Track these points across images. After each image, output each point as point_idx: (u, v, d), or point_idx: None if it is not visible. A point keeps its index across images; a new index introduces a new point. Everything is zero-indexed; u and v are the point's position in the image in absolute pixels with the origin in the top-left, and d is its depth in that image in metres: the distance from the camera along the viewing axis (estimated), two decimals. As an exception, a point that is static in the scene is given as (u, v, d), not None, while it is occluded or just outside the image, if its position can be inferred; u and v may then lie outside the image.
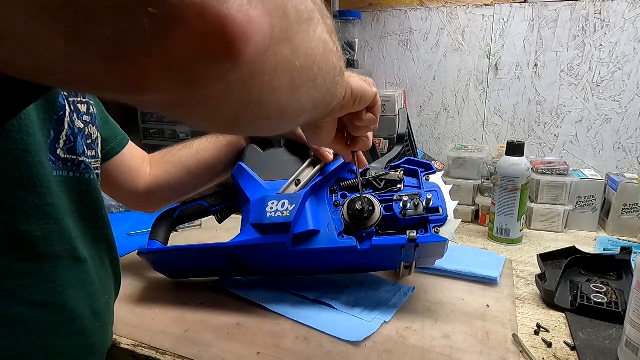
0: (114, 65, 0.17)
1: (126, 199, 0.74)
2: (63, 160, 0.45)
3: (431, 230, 0.59)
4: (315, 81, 0.27)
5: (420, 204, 0.61)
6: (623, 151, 1.07)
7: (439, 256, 0.64)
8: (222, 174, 0.76)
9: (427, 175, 0.66)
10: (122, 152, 0.67)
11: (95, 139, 0.53)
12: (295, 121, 0.30)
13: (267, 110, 0.24)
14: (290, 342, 0.57)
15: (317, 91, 0.28)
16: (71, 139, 0.46)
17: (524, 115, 1.14)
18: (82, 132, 0.49)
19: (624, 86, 1.03)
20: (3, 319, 0.40)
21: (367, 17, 1.23)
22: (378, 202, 0.62)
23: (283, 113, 0.26)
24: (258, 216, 0.63)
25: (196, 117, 0.23)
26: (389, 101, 1.07)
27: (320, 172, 0.68)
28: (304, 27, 0.23)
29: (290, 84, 0.24)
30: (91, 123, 0.52)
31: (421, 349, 0.55)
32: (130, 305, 0.66)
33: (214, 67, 0.18)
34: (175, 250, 0.68)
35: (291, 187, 0.66)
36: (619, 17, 1.01)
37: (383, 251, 0.60)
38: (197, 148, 0.75)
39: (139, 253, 0.69)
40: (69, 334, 0.45)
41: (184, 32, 0.16)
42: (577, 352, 0.54)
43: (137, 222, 0.99)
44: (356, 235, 0.61)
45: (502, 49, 1.12)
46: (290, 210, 0.61)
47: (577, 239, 0.94)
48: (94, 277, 0.49)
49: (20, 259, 0.40)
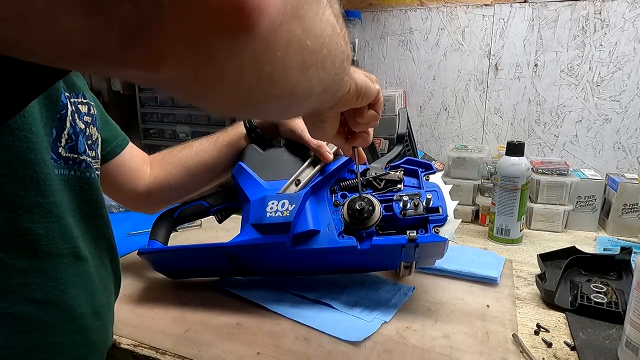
0: (131, 40, 0.17)
1: (126, 199, 0.74)
2: (64, 159, 0.45)
3: (431, 230, 0.59)
4: (324, 63, 0.27)
5: (420, 203, 0.61)
6: (623, 151, 1.07)
7: (439, 256, 0.64)
8: (222, 174, 0.76)
9: (427, 175, 0.66)
10: (122, 153, 0.67)
11: (95, 139, 0.53)
12: (304, 104, 0.31)
13: (278, 89, 0.25)
14: (290, 342, 0.57)
15: (326, 73, 0.29)
16: (73, 138, 0.46)
17: (524, 115, 1.14)
18: (83, 132, 0.49)
19: (624, 86, 1.03)
20: (5, 316, 0.40)
21: (367, 17, 1.23)
22: (378, 202, 0.62)
23: (293, 93, 0.27)
24: (258, 216, 0.63)
25: (211, 93, 0.23)
26: (389, 101, 1.07)
27: (320, 172, 0.67)
28: (314, 7, 0.24)
29: (300, 64, 0.25)
30: (92, 124, 0.52)
31: (421, 349, 0.55)
32: (130, 305, 0.66)
33: (230, 41, 0.19)
34: (175, 250, 0.68)
35: (291, 187, 0.66)
36: (619, 17, 1.01)
37: (383, 251, 0.60)
38: (197, 148, 0.75)
39: (139, 253, 0.69)
40: (69, 333, 0.45)
41: (202, 6, 0.17)
42: (577, 352, 0.54)
43: (137, 222, 0.99)
44: (356, 235, 0.61)
45: (502, 49, 1.12)
46: (290, 210, 0.61)
47: (577, 239, 0.94)
48: (94, 276, 0.49)
49: (22, 256, 0.41)
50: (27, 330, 0.41)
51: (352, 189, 0.66)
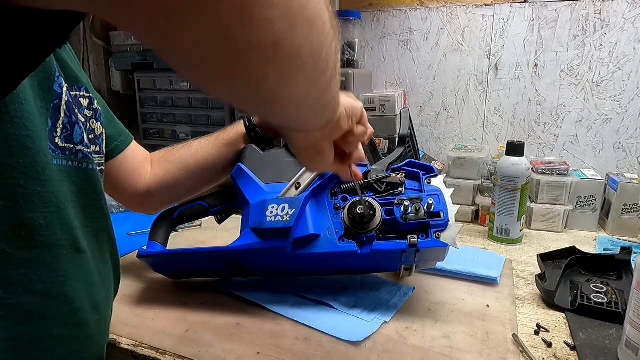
0: None
1: (126, 198, 0.74)
2: (62, 149, 0.45)
3: (432, 235, 0.59)
4: (324, 28, 0.28)
5: (422, 208, 0.60)
6: (623, 151, 1.07)
7: (440, 260, 0.64)
8: (222, 174, 0.76)
9: (429, 178, 0.65)
10: (125, 150, 0.68)
11: (99, 134, 0.53)
12: (323, 80, 0.32)
13: (261, 35, 0.23)
14: (290, 342, 0.57)
15: (331, 51, 0.30)
16: (68, 127, 0.46)
17: (524, 115, 1.14)
18: (83, 124, 0.49)
19: (624, 86, 1.03)
20: (7, 307, 0.40)
21: (367, 17, 1.23)
22: (379, 206, 0.61)
23: (313, 55, 0.27)
24: (258, 220, 0.62)
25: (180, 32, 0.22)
26: (388, 101, 1.07)
27: (320, 176, 0.67)
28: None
29: (309, 32, 0.26)
30: (94, 118, 0.52)
31: (421, 349, 0.55)
32: (130, 305, 0.66)
33: None
34: (174, 253, 0.68)
35: (291, 191, 0.66)
36: (619, 17, 1.01)
37: (383, 255, 0.60)
38: (196, 147, 0.75)
39: (138, 256, 0.69)
40: (69, 326, 0.45)
41: None
42: (577, 352, 0.54)
43: (137, 222, 0.99)
44: (357, 239, 0.60)
45: (502, 49, 1.12)
46: (290, 214, 0.61)
47: (577, 239, 0.94)
48: (93, 269, 0.48)
49: (23, 247, 0.40)
50: (28, 322, 0.41)
51: (352, 192, 0.66)
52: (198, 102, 1.25)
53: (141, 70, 1.31)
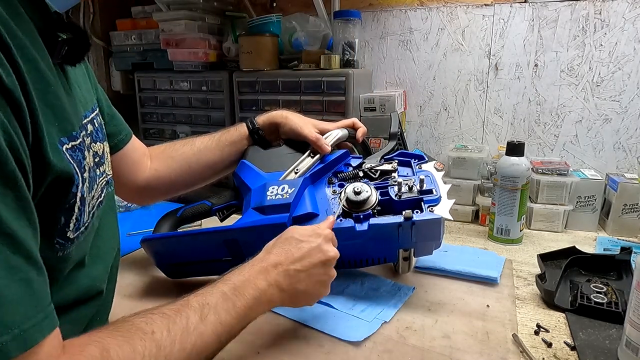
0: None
1: (124, 191, 0.75)
2: (71, 240, 0.42)
3: (426, 210, 0.61)
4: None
5: (414, 186, 0.64)
6: (623, 151, 1.07)
7: (436, 239, 0.64)
8: (222, 172, 0.79)
9: (420, 164, 0.71)
10: (126, 146, 0.69)
11: (102, 154, 0.51)
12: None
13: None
14: (290, 342, 0.57)
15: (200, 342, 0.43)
16: (78, 218, 0.43)
17: (524, 115, 1.14)
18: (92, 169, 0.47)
19: (624, 86, 1.03)
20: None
21: (367, 17, 1.23)
22: (374, 188, 0.65)
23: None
24: (259, 200, 0.65)
25: None
26: (388, 101, 1.07)
27: (320, 161, 0.71)
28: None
29: None
30: (97, 140, 0.50)
31: (421, 349, 0.55)
32: (130, 305, 0.66)
33: None
34: (177, 236, 0.70)
35: (290, 175, 0.69)
36: (619, 17, 1.01)
37: (380, 233, 0.61)
38: (199, 146, 0.77)
39: (141, 241, 0.70)
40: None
41: None
42: (577, 352, 0.54)
43: (137, 222, 0.99)
44: (354, 217, 0.62)
45: (502, 49, 1.12)
46: (290, 193, 0.64)
47: (577, 239, 0.94)
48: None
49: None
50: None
51: (349, 180, 0.69)
52: (198, 102, 1.25)
53: (141, 70, 1.31)
